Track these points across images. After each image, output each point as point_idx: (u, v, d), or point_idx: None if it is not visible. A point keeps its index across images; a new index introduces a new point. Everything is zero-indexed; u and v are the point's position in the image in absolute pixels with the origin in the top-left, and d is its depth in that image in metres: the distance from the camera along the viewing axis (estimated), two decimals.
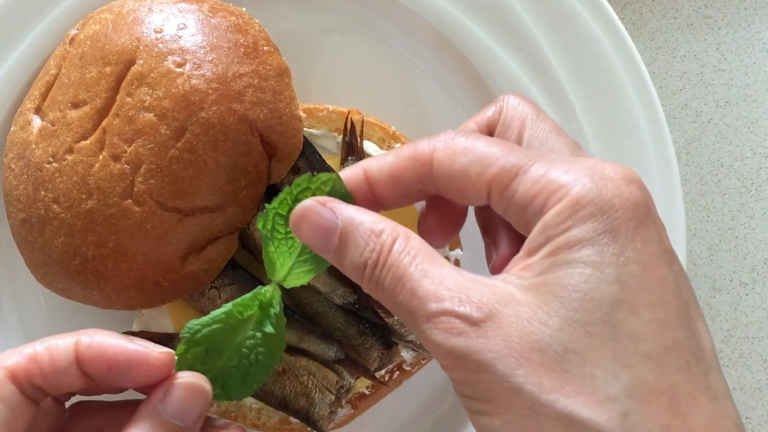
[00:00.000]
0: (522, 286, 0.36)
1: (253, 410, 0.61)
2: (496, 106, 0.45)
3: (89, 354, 0.42)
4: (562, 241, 0.35)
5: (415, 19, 0.64)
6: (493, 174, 0.38)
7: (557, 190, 0.36)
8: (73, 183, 0.53)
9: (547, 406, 0.33)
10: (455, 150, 0.40)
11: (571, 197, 0.35)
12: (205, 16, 0.55)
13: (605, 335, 0.33)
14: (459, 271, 0.37)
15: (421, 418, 0.66)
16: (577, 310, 0.34)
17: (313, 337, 0.56)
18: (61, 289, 0.57)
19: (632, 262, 0.34)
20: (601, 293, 0.34)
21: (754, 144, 0.78)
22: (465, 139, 0.40)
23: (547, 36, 0.63)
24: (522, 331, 0.34)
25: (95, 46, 0.55)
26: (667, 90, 0.79)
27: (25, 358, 0.41)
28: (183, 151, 0.52)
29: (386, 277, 0.38)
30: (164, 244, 0.53)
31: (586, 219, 0.35)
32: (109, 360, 0.42)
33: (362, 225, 0.40)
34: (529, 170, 0.37)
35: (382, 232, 0.39)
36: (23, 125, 0.57)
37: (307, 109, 0.61)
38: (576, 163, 0.37)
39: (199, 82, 0.52)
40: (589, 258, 0.34)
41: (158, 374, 0.43)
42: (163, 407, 0.42)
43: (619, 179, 0.36)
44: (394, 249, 0.39)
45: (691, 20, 0.79)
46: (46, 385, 0.42)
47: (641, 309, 0.34)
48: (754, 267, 0.77)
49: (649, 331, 0.34)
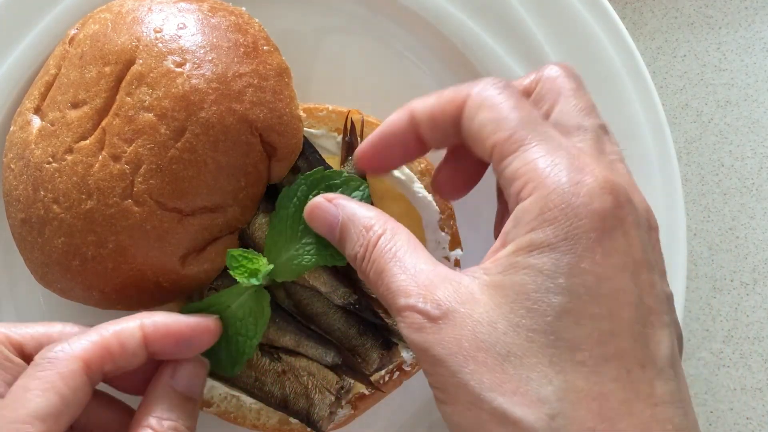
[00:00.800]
0: (484, 284, 0.38)
1: (252, 411, 0.61)
2: (536, 74, 0.45)
3: (157, 334, 0.45)
4: (525, 243, 0.37)
5: (415, 19, 0.64)
6: (499, 140, 0.39)
7: (534, 180, 0.37)
8: (72, 183, 0.53)
9: (486, 402, 0.35)
10: (483, 102, 0.41)
11: (541, 194, 0.37)
12: (205, 15, 0.55)
13: (545, 342, 0.35)
14: (434, 265, 0.40)
15: (421, 418, 0.66)
16: (523, 316, 0.36)
17: (311, 341, 0.56)
18: (60, 289, 0.57)
19: (587, 273, 0.36)
20: (548, 302, 0.35)
21: (755, 144, 0.78)
22: (497, 93, 0.41)
23: (547, 36, 0.63)
24: (473, 330, 0.36)
25: (95, 45, 0.55)
26: (667, 90, 0.79)
27: (97, 346, 0.43)
28: (183, 151, 0.52)
29: (370, 270, 0.41)
30: (164, 245, 0.53)
31: (550, 222, 0.36)
32: (176, 336, 0.46)
33: (358, 220, 0.43)
34: (528, 150, 0.38)
35: (371, 228, 0.42)
36: (23, 125, 0.57)
37: (307, 109, 0.61)
38: (568, 157, 0.38)
39: (199, 82, 0.52)
40: (544, 266, 0.36)
41: (215, 338, 0.49)
42: (175, 381, 0.46)
43: (594, 187, 0.37)
44: (379, 243, 0.41)
45: (692, 20, 0.79)
46: (113, 370, 0.43)
47: (585, 320, 0.35)
48: (755, 267, 0.77)
49: (589, 341, 0.35)
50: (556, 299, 0.35)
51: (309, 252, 0.52)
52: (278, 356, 0.57)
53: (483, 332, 0.36)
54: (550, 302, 0.35)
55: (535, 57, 0.63)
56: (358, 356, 0.58)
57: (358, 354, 0.58)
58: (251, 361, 0.56)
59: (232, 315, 0.51)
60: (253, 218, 0.56)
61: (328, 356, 0.57)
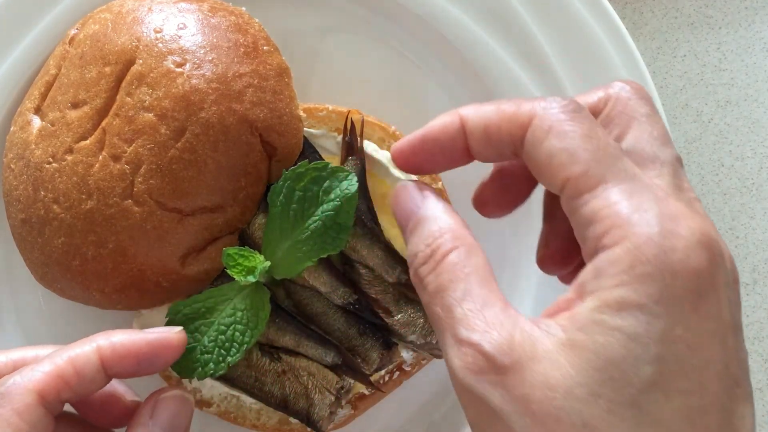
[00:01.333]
0: (560, 342, 0.34)
1: (252, 411, 0.61)
2: (604, 92, 0.41)
3: (115, 356, 0.42)
4: (611, 300, 0.33)
5: (414, 19, 0.64)
6: (572, 175, 0.36)
7: (619, 226, 0.34)
8: (72, 183, 0.53)
9: None
10: (551, 127, 0.37)
11: (631, 244, 0.33)
12: (205, 15, 0.55)
13: (627, 416, 0.32)
14: (506, 306, 0.36)
15: (421, 418, 0.66)
16: (605, 385, 0.32)
17: (310, 341, 0.56)
18: (60, 289, 0.57)
19: (680, 341, 0.32)
20: (635, 372, 0.32)
21: (755, 144, 0.78)
22: (566, 119, 0.37)
23: (547, 35, 0.63)
24: (544, 393, 0.33)
25: (95, 45, 0.55)
26: (667, 90, 0.79)
27: (51, 376, 0.41)
28: (183, 151, 0.52)
29: (431, 280, 0.38)
30: (164, 245, 0.53)
31: (642, 279, 0.33)
32: (137, 355, 0.43)
33: (437, 220, 0.39)
34: (608, 189, 0.35)
35: (446, 235, 0.38)
36: (23, 125, 0.57)
37: (307, 109, 0.61)
38: (656, 200, 0.34)
39: (199, 82, 0.52)
40: (634, 330, 0.32)
41: (179, 351, 0.46)
42: (154, 422, 0.44)
43: (692, 241, 0.33)
44: (451, 257, 0.37)
45: (692, 20, 0.79)
46: (71, 398, 0.41)
47: (674, 394, 0.32)
48: (755, 267, 0.77)
49: (677, 418, 0.32)
50: (645, 370, 0.32)
51: (302, 248, 0.53)
52: (278, 356, 0.57)
53: (557, 397, 0.32)
54: (638, 372, 0.32)
55: (535, 57, 0.63)
56: (358, 356, 0.58)
57: (358, 354, 0.58)
58: (251, 361, 0.57)
59: (234, 307, 0.52)
60: (253, 218, 0.56)
61: (328, 356, 0.57)
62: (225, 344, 0.51)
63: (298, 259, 0.53)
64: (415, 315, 0.57)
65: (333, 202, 0.52)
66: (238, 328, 0.52)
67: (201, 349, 0.51)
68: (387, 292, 0.57)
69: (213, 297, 0.52)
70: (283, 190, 0.53)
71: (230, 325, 0.52)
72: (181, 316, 0.52)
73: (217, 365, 0.51)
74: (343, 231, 0.52)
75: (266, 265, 0.52)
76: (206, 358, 0.51)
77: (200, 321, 0.52)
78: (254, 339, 0.52)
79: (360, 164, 0.59)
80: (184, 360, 0.50)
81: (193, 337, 0.51)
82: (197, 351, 0.51)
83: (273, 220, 0.53)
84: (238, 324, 0.52)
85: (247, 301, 0.52)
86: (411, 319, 0.57)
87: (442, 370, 0.42)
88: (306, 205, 0.53)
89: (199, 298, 0.52)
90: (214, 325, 0.52)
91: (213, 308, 0.52)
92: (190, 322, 0.52)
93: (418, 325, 0.57)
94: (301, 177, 0.53)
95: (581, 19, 0.62)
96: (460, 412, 0.65)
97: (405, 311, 0.57)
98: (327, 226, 0.52)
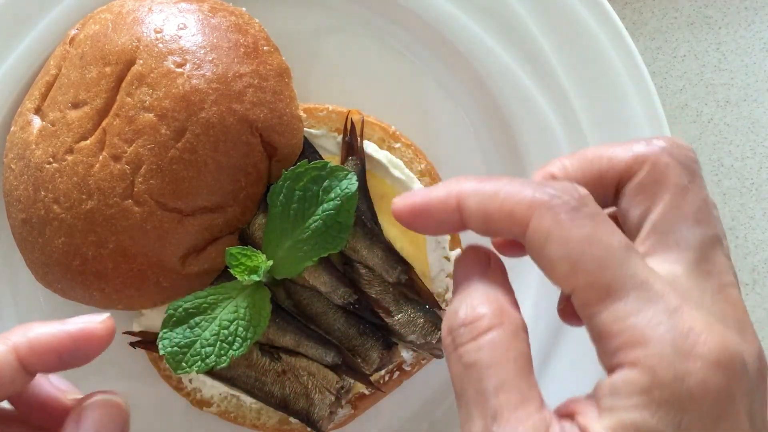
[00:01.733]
0: None
1: (252, 411, 0.61)
2: (644, 149, 0.38)
3: (33, 354, 0.40)
4: (628, 422, 0.32)
5: (414, 19, 0.64)
6: (578, 286, 0.34)
7: (633, 345, 0.33)
8: (73, 183, 0.53)
9: None
10: (551, 232, 0.35)
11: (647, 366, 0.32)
12: (205, 16, 0.55)
13: None
14: (540, 406, 0.34)
15: (421, 418, 0.66)
16: None
17: (311, 341, 0.57)
18: (61, 289, 0.57)
19: None
20: None
21: (755, 144, 0.78)
22: (567, 220, 0.35)
23: (547, 36, 0.63)
24: None
25: (95, 46, 0.55)
26: (667, 90, 0.79)
27: None
28: (183, 152, 0.52)
29: (469, 352, 0.36)
30: (164, 245, 0.53)
31: (659, 405, 0.32)
32: (57, 350, 0.41)
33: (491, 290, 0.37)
34: (617, 302, 0.34)
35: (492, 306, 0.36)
36: (23, 125, 0.57)
37: (307, 109, 0.61)
38: (668, 313, 0.33)
39: (200, 82, 0.52)
40: None
41: (107, 341, 0.42)
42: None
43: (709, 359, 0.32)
44: (492, 336, 0.35)
45: (692, 20, 0.79)
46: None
47: None
48: (755, 267, 0.77)
49: None
50: None
51: (303, 248, 0.53)
52: (278, 356, 0.57)
53: None
54: None
55: (534, 56, 0.63)
56: (358, 356, 0.58)
57: (358, 354, 0.58)
58: (251, 361, 0.57)
59: (236, 304, 0.53)
60: (254, 218, 0.56)
61: (328, 356, 0.57)
62: (228, 338, 0.52)
63: (298, 258, 0.53)
64: (415, 315, 0.57)
65: (333, 201, 0.52)
66: (241, 324, 0.52)
67: (202, 342, 0.51)
68: (387, 292, 0.57)
69: (214, 294, 0.53)
70: (283, 190, 0.53)
71: (233, 321, 0.52)
72: (182, 311, 0.52)
73: (218, 358, 0.51)
74: (343, 230, 0.52)
75: (268, 265, 0.52)
76: (207, 351, 0.51)
77: (201, 316, 0.52)
78: (257, 335, 0.52)
79: (360, 164, 0.59)
80: (181, 354, 0.51)
81: (192, 332, 0.52)
82: (197, 345, 0.51)
83: (273, 220, 0.53)
84: (240, 320, 0.52)
85: (249, 300, 0.53)
86: (411, 319, 0.57)
87: (442, 370, 0.42)
88: (306, 205, 0.53)
89: (200, 294, 0.53)
90: (216, 320, 0.52)
91: (215, 305, 0.53)
92: (190, 317, 0.52)
93: (418, 325, 0.57)
94: (300, 177, 0.53)
95: (581, 19, 0.62)
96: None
97: (405, 311, 0.57)
98: (328, 226, 0.52)
